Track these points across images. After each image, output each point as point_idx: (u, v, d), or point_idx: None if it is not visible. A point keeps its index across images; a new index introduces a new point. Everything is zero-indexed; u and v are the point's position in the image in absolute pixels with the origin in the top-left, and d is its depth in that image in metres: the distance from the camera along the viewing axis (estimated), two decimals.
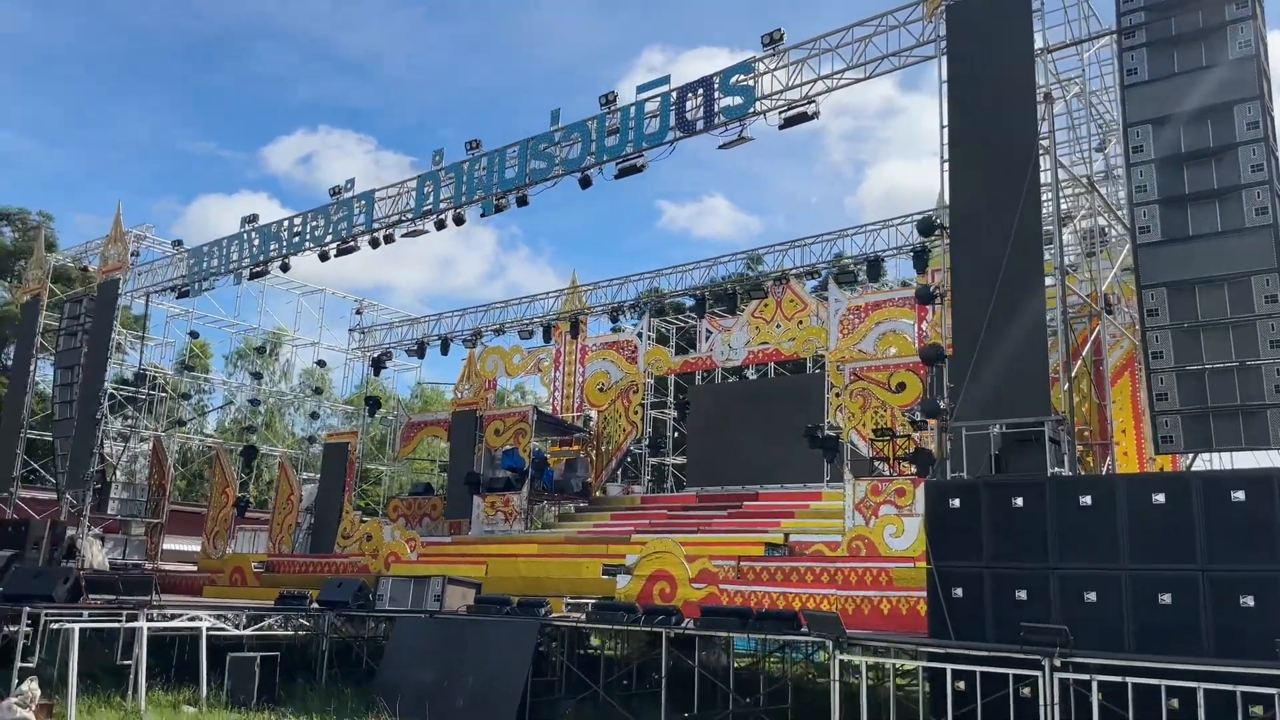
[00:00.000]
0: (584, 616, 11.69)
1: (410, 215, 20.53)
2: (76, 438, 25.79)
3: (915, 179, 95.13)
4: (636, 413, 30.48)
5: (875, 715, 9.97)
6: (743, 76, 15.83)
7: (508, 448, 29.21)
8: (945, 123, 13.13)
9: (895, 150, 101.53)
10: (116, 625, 12.10)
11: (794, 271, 26.76)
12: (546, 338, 28.72)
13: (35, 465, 29.64)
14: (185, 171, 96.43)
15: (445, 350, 29.25)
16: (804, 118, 15.31)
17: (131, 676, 12.20)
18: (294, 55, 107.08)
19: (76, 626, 11.66)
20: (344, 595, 14.60)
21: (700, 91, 16.14)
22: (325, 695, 13.04)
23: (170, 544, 28.31)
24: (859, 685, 9.77)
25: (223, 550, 27.81)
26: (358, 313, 32.16)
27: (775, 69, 15.82)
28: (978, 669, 9.68)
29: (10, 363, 49.53)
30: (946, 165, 13.03)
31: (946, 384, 12.96)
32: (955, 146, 13.26)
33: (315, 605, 14.67)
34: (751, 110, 15.63)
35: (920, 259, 22.66)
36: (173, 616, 12.65)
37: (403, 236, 20.88)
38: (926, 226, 16.09)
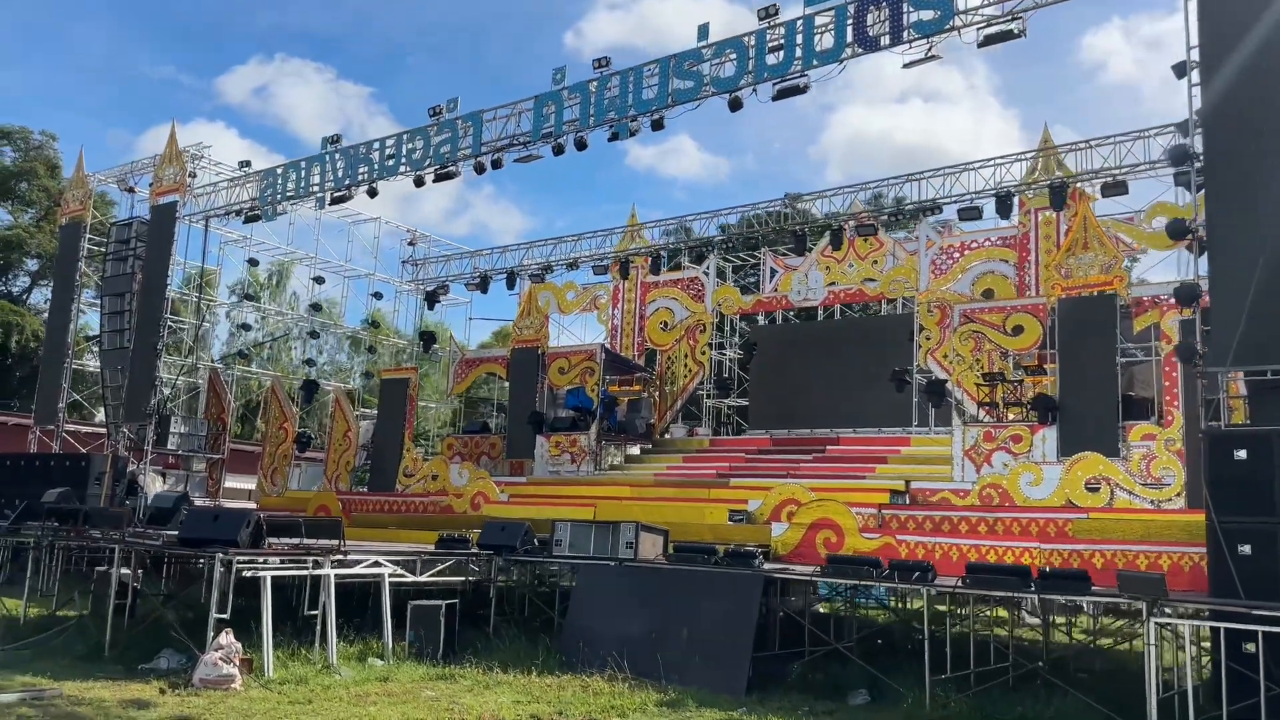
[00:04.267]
0: (817, 570, 10.97)
1: (524, 139, 19.27)
2: (134, 369, 24.51)
3: (877, 124, 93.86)
4: (703, 353, 29.67)
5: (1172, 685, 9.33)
6: None
7: (572, 386, 28.36)
8: (1196, 41, 11.99)
9: (857, 95, 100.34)
10: (304, 572, 11.20)
11: (864, 215, 25.86)
12: (624, 273, 27.70)
13: (78, 397, 28.29)
14: (138, 99, 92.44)
15: (511, 284, 28.22)
16: (1007, 36, 14.25)
17: (319, 626, 11.35)
18: None
19: (268, 574, 10.75)
20: (509, 539, 13.75)
21: (885, 3, 14.92)
22: (509, 646, 12.28)
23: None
24: (1143, 650, 9.13)
25: (282, 487, 26.85)
26: (410, 244, 30.86)
27: None
28: None
29: (18, 290, 47.70)
30: (1198, 90, 12.00)
31: (1201, 328, 12.17)
32: (1210, 65, 11.92)
33: (475, 549, 13.83)
34: (949, 25, 14.51)
35: (1004, 204, 21.76)
36: (354, 563, 11.76)
37: (515, 161, 19.67)
38: (1180, 155, 15.04)
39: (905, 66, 15.03)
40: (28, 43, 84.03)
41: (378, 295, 30.95)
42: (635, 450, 29.40)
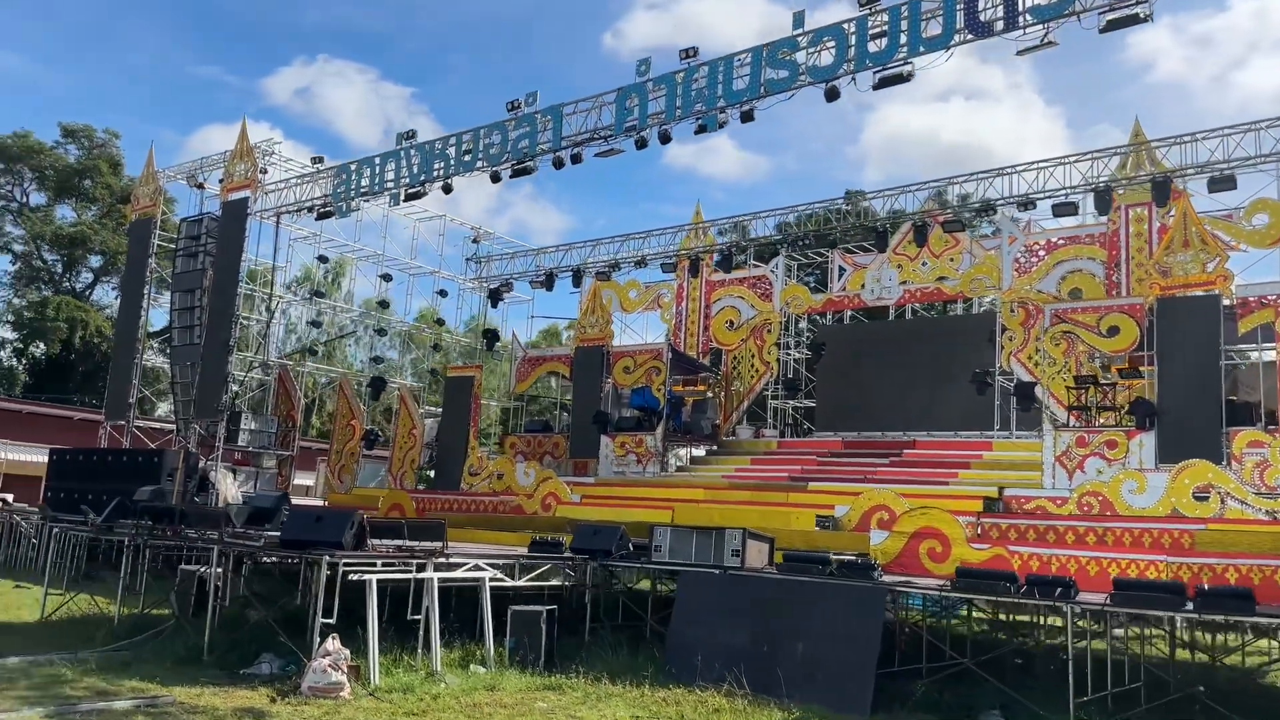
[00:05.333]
0: (946, 585, 10.41)
1: (605, 132, 18.87)
2: (205, 365, 24.48)
3: (919, 123, 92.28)
4: (770, 353, 29.12)
5: None
6: None
7: (638, 386, 27.93)
8: None
9: (897, 94, 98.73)
10: (408, 576, 10.85)
11: (939, 214, 25.14)
12: (694, 271, 27.24)
13: (145, 393, 28.37)
14: (185, 100, 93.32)
15: (578, 282, 27.89)
16: (1132, 21, 13.56)
17: (421, 631, 11.01)
18: None
19: (374, 578, 10.42)
20: (603, 544, 13.34)
21: None
22: (612, 655, 11.87)
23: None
24: None
25: (350, 484, 26.71)
26: (474, 241, 30.61)
27: None
28: None
29: (81, 286, 48.25)
30: None
31: None
32: None
33: (568, 553, 13.44)
34: (1069, 10, 13.84)
35: (1103, 199, 21.04)
36: (455, 565, 11.41)
37: (596, 156, 19.23)
38: None
39: (1019, 54, 14.39)
40: (79, 43, 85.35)
41: (442, 293, 30.79)
42: (700, 451, 28.91)
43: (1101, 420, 21.12)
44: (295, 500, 26.10)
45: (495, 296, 30.51)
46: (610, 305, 30.95)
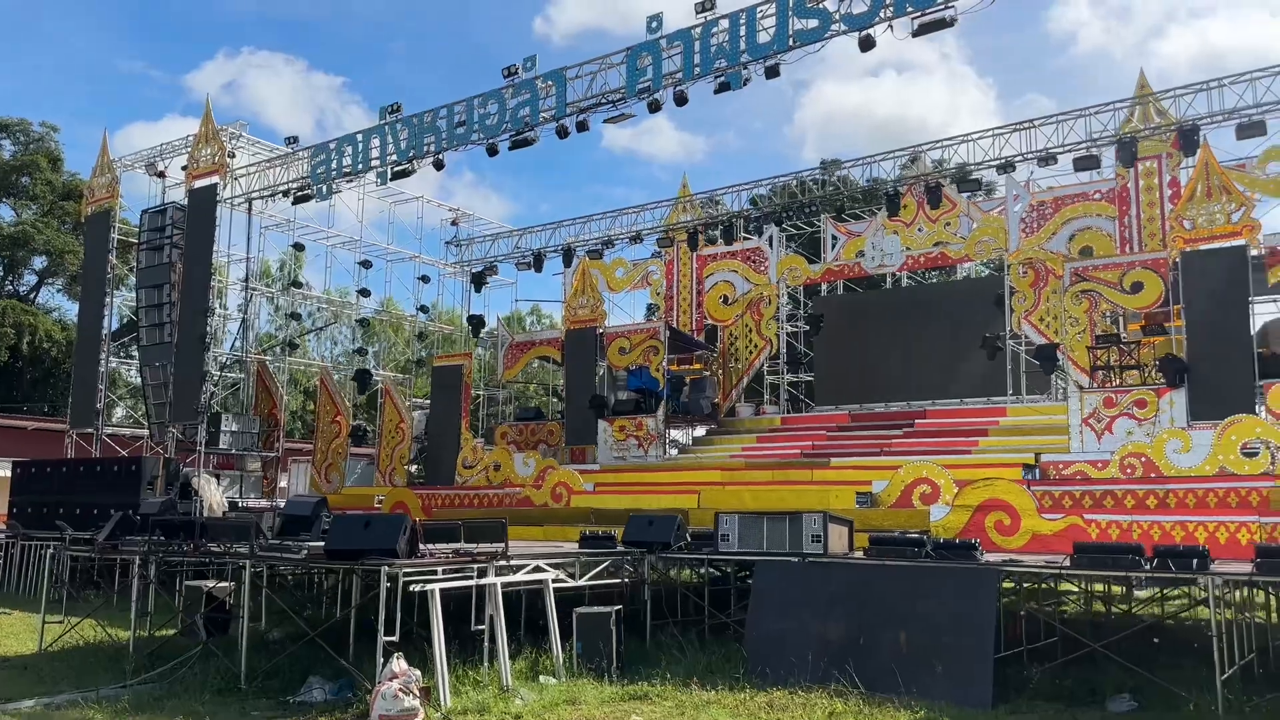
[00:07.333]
0: (1065, 561, 9.59)
1: (616, 95, 17.71)
2: (179, 364, 22.97)
3: (853, 99, 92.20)
4: (769, 327, 28.29)
5: None
6: None
7: (635, 367, 26.93)
8: None
9: (830, 70, 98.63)
10: (470, 583, 9.78)
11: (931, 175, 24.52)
12: (693, 245, 26.46)
13: (113, 397, 26.72)
14: (110, 96, 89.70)
15: (568, 261, 26.72)
16: None
17: (486, 642, 9.97)
18: None
19: (437, 587, 9.34)
20: (660, 535, 12.36)
21: None
22: (688, 655, 10.93)
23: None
24: None
25: (338, 484, 25.40)
26: (453, 224, 29.27)
27: None
28: None
29: (24, 289, 45.81)
30: None
31: None
32: None
33: (621, 546, 12.43)
34: None
35: (1126, 150, 20.51)
36: (517, 568, 10.36)
37: (605, 122, 18.14)
38: None
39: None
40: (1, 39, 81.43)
41: (424, 279, 29.41)
42: (700, 432, 28.08)
43: (1128, 380, 20.60)
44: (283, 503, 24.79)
45: (479, 281, 29.28)
46: (596, 285, 29.90)
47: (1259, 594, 11.59)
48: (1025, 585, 12.20)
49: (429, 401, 28.22)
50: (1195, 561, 8.93)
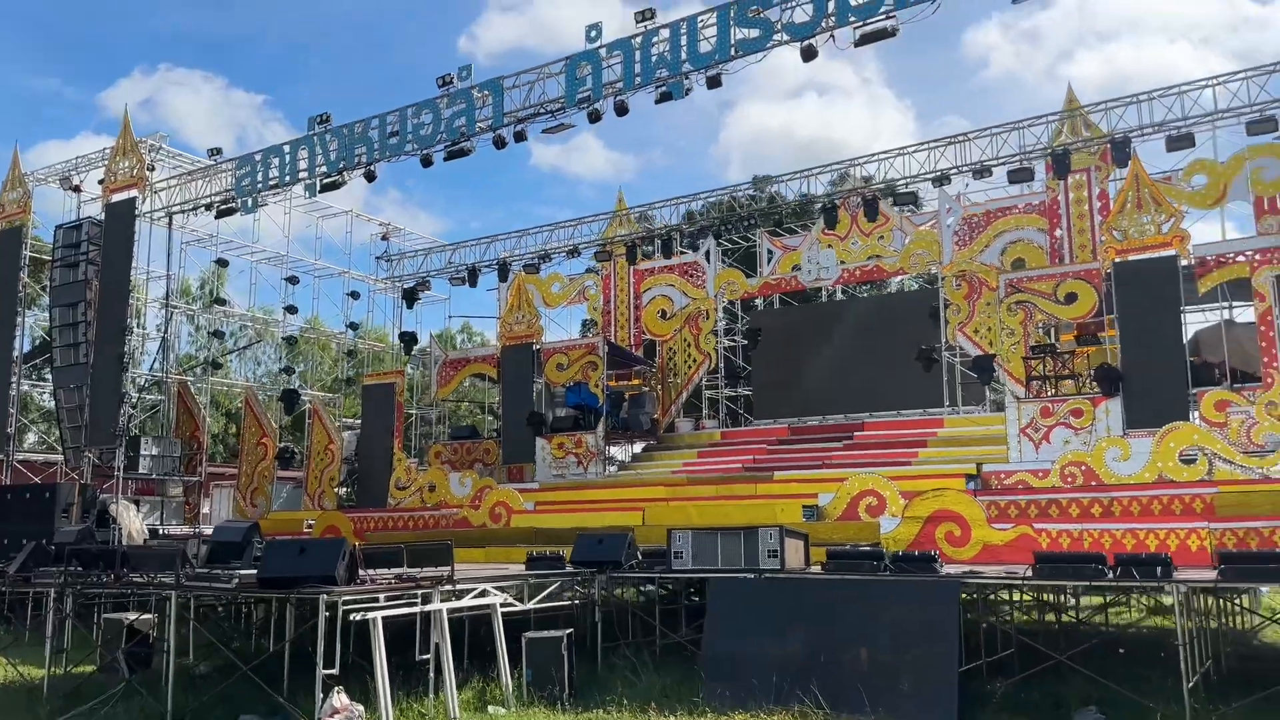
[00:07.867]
0: (1026, 571, 9.43)
1: (555, 105, 17.34)
2: (96, 385, 21.86)
3: (776, 120, 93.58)
4: (707, 341, 28.13)
5: None
6: None
7: (573, 383, 26.53)
8: None
9: (755, 90, 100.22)
10: (414, 610, 9.26)
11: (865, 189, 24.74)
12: (631, 258, 26.13)
13: (25, 421, 25.37)
14: (21, 113, 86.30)
15: (504, 276, 26.26)
16: None
17: (431, 671, 9.46)
18: None
19: (379, 615, 8.80)
20: (612, 554, 11.95)
21: None
22: (640, 678, 10.53)
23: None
24: None
25: (265, 508, 24.42)
26: (384, 238, 28.56)
27: None
28: None
29: None
30: None
31: None
32: None
33: (570, 567, 11.99)
34: None
35: (1061, 163, 20.82)
36: (462, 593, 9.87)
37: (543, 133, 17.73)
38: None
39: (1015, 1, 13.65)
40: None
41: (354, 295, 28.59)
42: (639, 448, 27.73)
43: (1060, 390, 20.86)
44: (208, 530, 23.75)
45: (410, 296, 28.58)
46: (534, 300, 29.43)
47: (1210, 600, 11.61)
48: (975, 596, 12.11)
49: (359, 421, 27.42)
50: (1159, 569, 8.86)
